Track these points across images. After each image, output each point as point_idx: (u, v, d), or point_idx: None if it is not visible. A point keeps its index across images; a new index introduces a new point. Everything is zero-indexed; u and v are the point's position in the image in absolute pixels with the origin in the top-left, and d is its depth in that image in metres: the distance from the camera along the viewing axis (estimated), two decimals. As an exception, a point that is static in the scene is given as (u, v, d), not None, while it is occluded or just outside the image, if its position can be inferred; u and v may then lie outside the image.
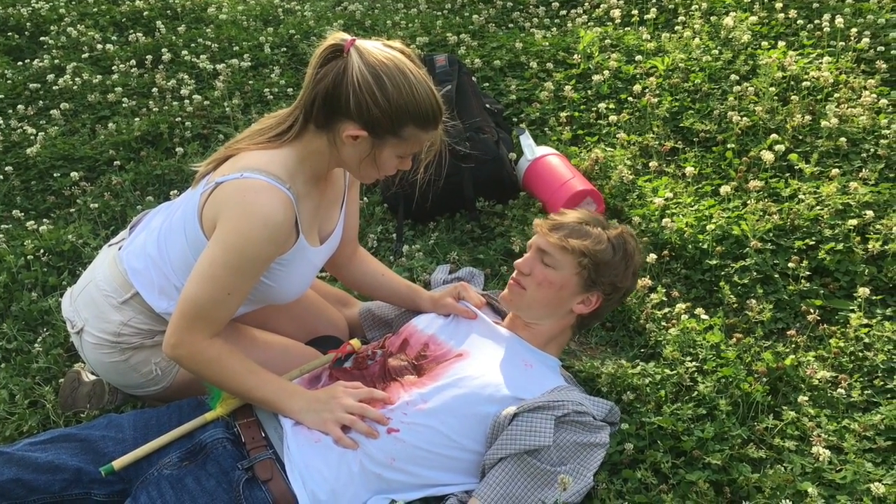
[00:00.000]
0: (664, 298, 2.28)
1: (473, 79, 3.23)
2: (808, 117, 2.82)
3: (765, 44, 3.30)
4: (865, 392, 1.94)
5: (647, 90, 3.18)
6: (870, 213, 2.35)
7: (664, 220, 2.50)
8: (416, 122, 1.74)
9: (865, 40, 3.12)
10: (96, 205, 3.01)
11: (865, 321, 2.11)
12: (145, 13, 4.45)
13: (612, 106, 3.17)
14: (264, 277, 1.85)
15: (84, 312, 2.00)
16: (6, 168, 3.26)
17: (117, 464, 1.72)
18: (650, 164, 2.83)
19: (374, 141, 1.75)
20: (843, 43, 3.18)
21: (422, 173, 1.96)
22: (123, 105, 3.62)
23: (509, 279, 2.03)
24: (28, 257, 2.71)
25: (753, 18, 3.46)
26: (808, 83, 2.98)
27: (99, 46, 4.12)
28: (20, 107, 3.69)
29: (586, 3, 4.05)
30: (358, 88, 1.68)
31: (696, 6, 3.70)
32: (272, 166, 1.76)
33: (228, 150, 1.87)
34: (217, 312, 1.77)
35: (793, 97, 2.94)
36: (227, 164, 1.82)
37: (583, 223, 1.97)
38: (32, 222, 2.91)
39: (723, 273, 2.35)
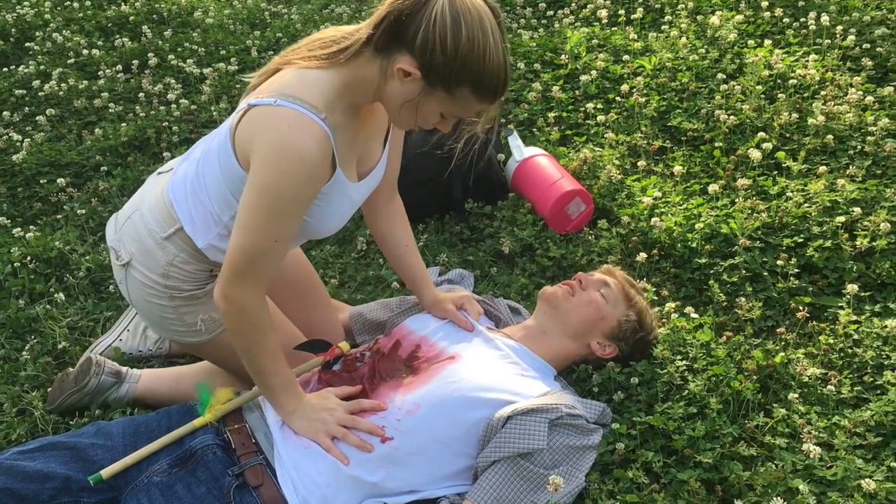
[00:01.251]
0: (654, 297, 2.28)
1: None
2: (795, 115, 2.83)
3: (751, 42, 3.31)
4: (855, 388, 1.94)
5: (634, 90, 3.19)
6: (857, 210, 2.36)
7: (653, 220, 2.50)
8: (474, 85, 1.60)
9: (851, 38, 3.14)
10: (83, 211, 2.99)
11: (854, 318, 2.12)
12: (131, 18, 4.43)
13: (599, 106, 3.18)
14: None
15: (130, 246, 1.91)
16: (-8, 175, 3.25)
17: (106, 473, 1.71)
18: (638, 163, 2.84)
19: (424, 86, 1.61)
20: (829, 41, 3.20)
21: (461, 146, 1.89)
22: (110, 110, 3.60)
23: (563, 282, 2.11)
24: (15, 264, 2.70)
25: (739, 17, 3.47)
26: (795, 81, 2.99)
27: (85, 52, 4.10)
28: (6, 113, 3.67)
29: (573, 4, 4.05)
30: (432, 24, 1.54)
31: (683, 5, 3.71)
32: (310, 93, 1.63)
33: (281, 61, 1.74)
34: (266, 262, 1.68)
35: (780, 95, 2.95)
36: (269, 82, 1.70)
37: (643, 296, 2.14)
38: (19, 229, 2.89)
39: (712, 271, 2.35)
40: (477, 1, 1.58)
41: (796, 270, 2.27)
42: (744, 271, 2.30)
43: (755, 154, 2.61)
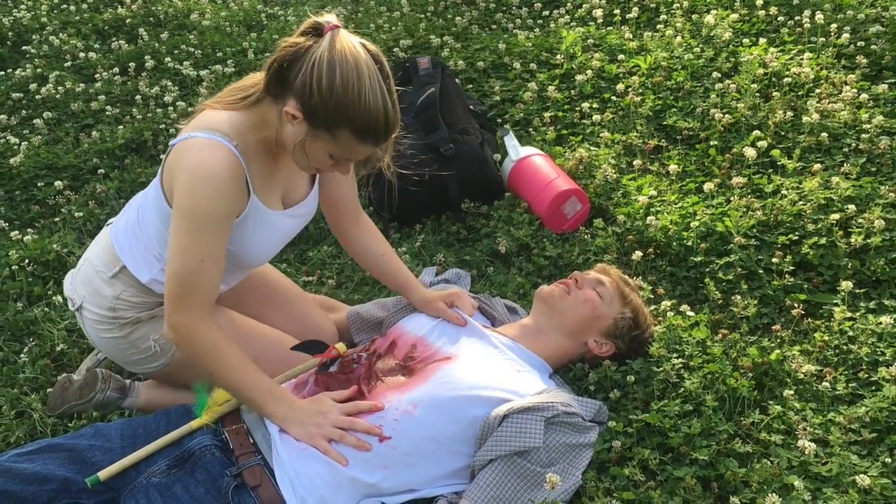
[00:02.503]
0: (650, 296, 2.28)
1: (457, 81, 3.24)
2: (789, 113, 2.84)
3: (746, 41, 3.32)
4: (850, 385, 1.95)
5: (630, 89, 3.20)
6: (852, 208, 2.36)
7: (649, 218, 2.51)
8: (352, 128, 1.67)
9: (845, 36, 3.14)
10: (81, 213, 3.00)
11: (849, 314, 2.13)
12: (128, 20, 4.43)
13: (595, 105, 3.18)
14: None
15: (81, 290, 2.03)
16: (-11, 178, 3.25)
17: (103, 474, 1.72)
18: (634, 162, 2.84)
19: (308, 129, 1.70)
20: (824, 39, 3.21)
21: (356, 184, 1.98)
22: (107, 113, 3.61)
23: (559, 281, 2.14)
24: (13, 267, 2.70)
25: (734, 16, 3.48)
26: (790, 79, 3.00)
27: (81, 55, 4.10)
28: (3, 116, 3.67)
29: (569, 4, 4.06)
30: (310, 69, 1.64)
31: (678, 5, 3.72)
32: (219, 125, 1.76)
33: (201, 107, 1.87)
34: (199, 283, 1.75)
35: (774, 93, 2.95)
36: (189, 124, 1.83)
37: (638, 293, 2.16)
38: (17, 232, 2.90)
39: (707, 270, 2.36)
40: (357, 49, 1.66)
41: (791, 268, 2.28)
42: (739, 269, 2.31)
43: (750, 152, 2.62)
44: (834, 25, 3.21)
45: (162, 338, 2.00)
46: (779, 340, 2.10)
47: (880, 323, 2.06)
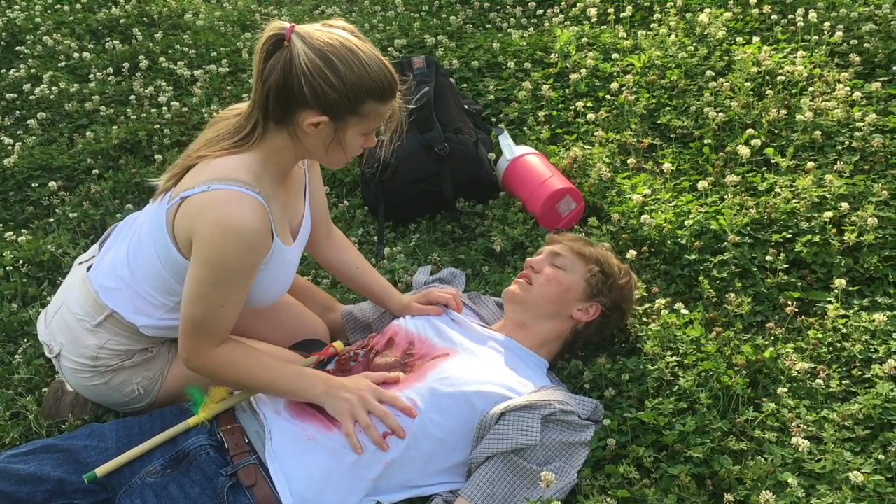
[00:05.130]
0: (644, 294, 2.29)
1: (451, 80, 3.24)
2: (783, 111, 2.85)
3: (739, 39, 3.33)
4: (843, 382, 1.95)
5: (624, 88, 3.20)
6: (845, 205, 2.37)
7: (643, 217, 2.52)
8: (373, 96, 1.70)
9: (839, 34, 3.15)
10: (75, 214, 2.99)
11: (843, 312, 2.13)
12: (122, 20, 4.42)
13: (589, 104, 3.19)
14: None
15: (60, 337, 1.98)
16: (-17, 179, 3.24)
17: (100, 471, 1.72)
18: (628, 161, 2.85)
19: (335, 124, 1.72)
20: (817, 37, 3.21)
21: (387, 146, 1.98)
22: (101, 113, 3.60)
23: (517, 276, 2.13)
24: (7, 268, 2.70)
25: (728, 14, 3.49)
26: (783, 77, 3.00)
27: (75, 55, 4.09)
28: (-3, 117, 3.67)
29: (563, 3, 4.06)
30: (309, 74, 1.64)
31: (672, 3, 3.72)
32: (238, 172, 1.73)
33: (187, 161, 1.82)
34: (215, 325, 1.77)
35: (768, 92, 2.96)
36: (189, 176, 1.78)
37: (595, 245, 2.16)
38: (11, 233, 2.89)
39: (701, 268, 2.36)
40: (327, 31, 1.69)
41: (785, 266, 2.28)
42: (733, 267, 2.32)
43: (744, 150, 2.63)
44: (827, 24, 3.22)
45: (143, 374, 2.00)
46: (772, 338, 2.11)
47: (873, 320, 2.06)
